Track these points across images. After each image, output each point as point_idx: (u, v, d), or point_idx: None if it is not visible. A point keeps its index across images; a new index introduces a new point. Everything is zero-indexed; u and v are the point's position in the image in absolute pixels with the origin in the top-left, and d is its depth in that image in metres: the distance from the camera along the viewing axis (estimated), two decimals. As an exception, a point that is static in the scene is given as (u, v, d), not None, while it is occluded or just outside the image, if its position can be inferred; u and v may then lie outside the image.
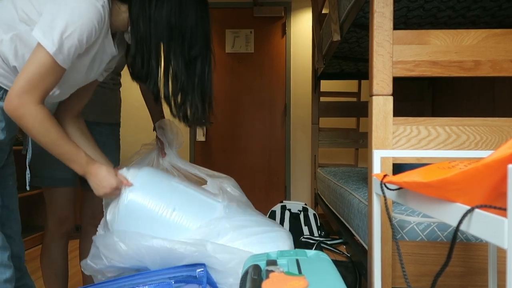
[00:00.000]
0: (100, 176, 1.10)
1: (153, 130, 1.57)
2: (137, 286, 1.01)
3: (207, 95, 1.14)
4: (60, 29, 0.91)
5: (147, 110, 1.65)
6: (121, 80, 1.72)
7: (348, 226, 1.81)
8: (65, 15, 0.92)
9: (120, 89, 1.73)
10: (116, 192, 1.14)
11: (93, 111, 1.48)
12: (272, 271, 0.99)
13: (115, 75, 1.64)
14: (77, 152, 1.07)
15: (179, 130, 1.52)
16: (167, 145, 1.49)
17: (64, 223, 1.49)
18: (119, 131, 1.72)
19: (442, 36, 1.13)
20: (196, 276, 1.03)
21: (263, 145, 3.82)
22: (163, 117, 1.61)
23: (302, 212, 2.53)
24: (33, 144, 1.38)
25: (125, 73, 1.74)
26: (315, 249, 2.19)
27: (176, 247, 1.07)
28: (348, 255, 1.94)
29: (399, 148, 1.13)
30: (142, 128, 3.46)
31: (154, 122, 1.60)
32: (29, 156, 1.21)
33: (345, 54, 2.70)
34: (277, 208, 2.60)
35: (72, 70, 1.04)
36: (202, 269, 1.05)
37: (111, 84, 1.62)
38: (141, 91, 1.66)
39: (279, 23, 3.79)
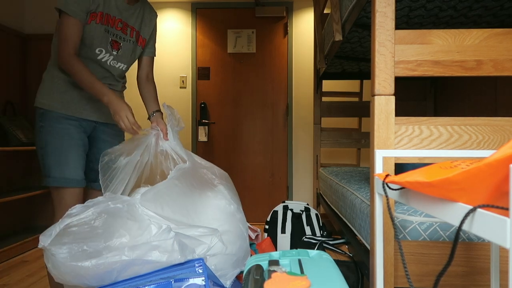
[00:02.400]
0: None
1: (148, 119, 1.64)
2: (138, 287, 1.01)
3: None
4: None
5: (142, 109, 1.70)
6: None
7: (350, 226, 1.81)
8: None
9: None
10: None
11: (104, 112, 1.59)
12: (274, 271, 1.00)
13: (121, 78, 1.68)
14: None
15: (180, 116, 1.58)
16: (170, 128, 1.52)
17: None
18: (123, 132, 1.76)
19: (444, 36, 1.13)
20: (196, 272, 1.03)
21: (265, 145, 3.82)
22: (157, 105, 1.69)
23: (304, 212, 2.53)
24: (45, 143, 1.43)
25: (128, 77, 1.76)
26: (317, 249, 2.19)
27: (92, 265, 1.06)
28: (350, 255, 1.94)
29: (401, 148, 1.13)
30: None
31: (149, 111, 1.67)
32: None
33: (347, 54, 2.70)
34: (279, 208, 2.60)
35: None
36: (201, 263, 1.05)
37: (120, 87, 1.70)
38: (138, 85, 1.74)
39: (281, 23, 3.79)
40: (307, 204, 2.65)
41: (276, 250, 2.27)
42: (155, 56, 1.77)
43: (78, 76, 1.37)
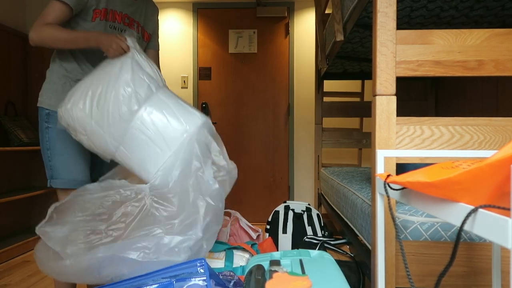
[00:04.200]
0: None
1: None
2: (139, 287, 1.01)
3: None
4: None
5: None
6: None
7: (352, 226, 1.81)
8: None
9: None
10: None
11: None
12: (275, 271, 1.00)
13: None
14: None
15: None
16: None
17: None
18: None
19: (445, 36, 1.13)
20: (197, 272, 1.03)
21: (266, 145, 3.83)
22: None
23: (305, 212, 2.53)
24: (52, 145, 1.43)
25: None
26: (318, 249, 2.19)
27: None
28: (352, 255, 1.94)
29: (403, 148, 1.13)
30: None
31: None
32: None
33: (348, 54, 2.70)
34: (280, 208, 2.60)
35: None
36: (203, 263, 1.05)
37: None
38: None
39: (282, 23, 3.79)
40: (309, 204, 2.65)
41: (277, 250, 2.28)
42: (159, 50, 1.78)
43: (56, 37, 1.28)
